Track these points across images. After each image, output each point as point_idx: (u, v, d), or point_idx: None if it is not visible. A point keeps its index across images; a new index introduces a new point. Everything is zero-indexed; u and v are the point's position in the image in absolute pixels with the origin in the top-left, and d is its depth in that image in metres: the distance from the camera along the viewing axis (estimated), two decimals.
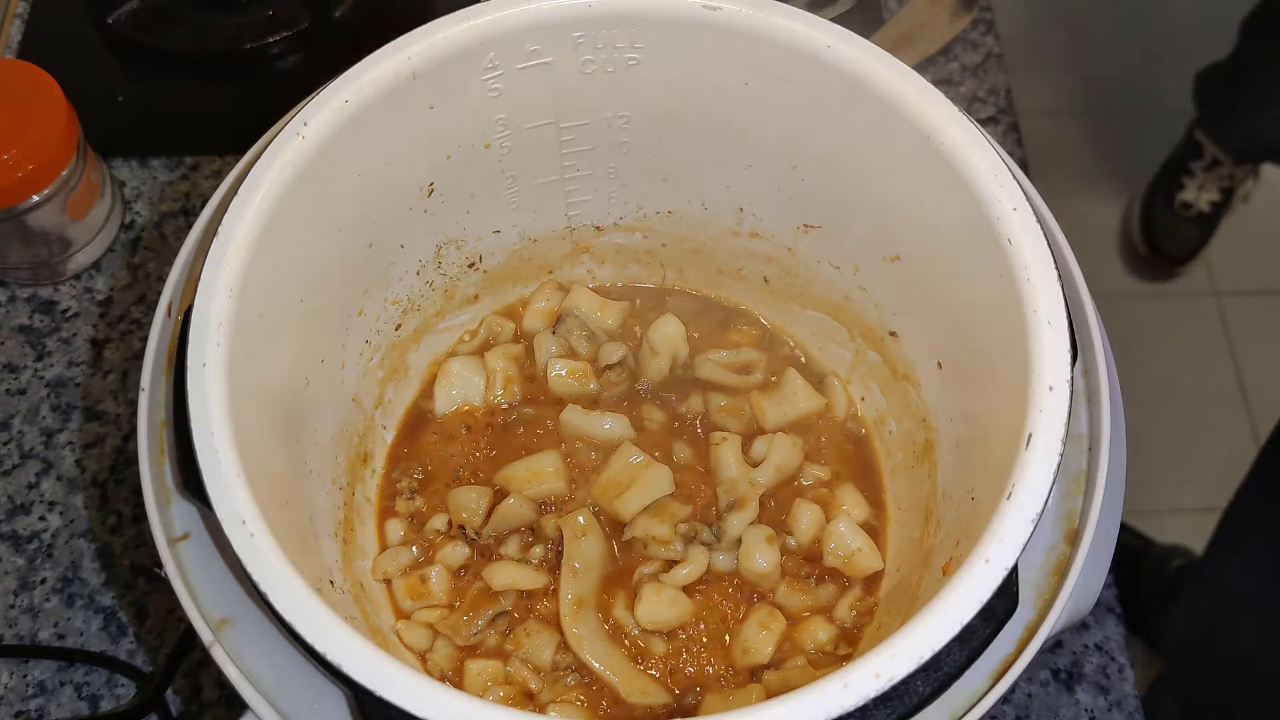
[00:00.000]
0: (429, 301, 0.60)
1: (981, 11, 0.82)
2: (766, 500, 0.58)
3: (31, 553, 0.63)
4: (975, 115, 0.77)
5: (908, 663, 0.37)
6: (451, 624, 0.54)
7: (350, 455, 0.57)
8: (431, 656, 0.54)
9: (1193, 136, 1.66)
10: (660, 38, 0.51)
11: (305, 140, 0.46)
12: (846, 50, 0.48)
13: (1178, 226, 1.66)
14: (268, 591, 0.38)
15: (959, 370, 0.52)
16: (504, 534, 0.57)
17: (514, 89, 0.52)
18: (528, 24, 0.49)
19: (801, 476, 0.59)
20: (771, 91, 0.52)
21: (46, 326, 0.70)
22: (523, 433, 0.60)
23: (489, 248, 0.60)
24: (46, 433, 0.66)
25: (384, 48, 0.48)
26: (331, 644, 0.37)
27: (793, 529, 0.56)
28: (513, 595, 0.55)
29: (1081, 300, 0.48)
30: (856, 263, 0.57)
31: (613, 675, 0.53)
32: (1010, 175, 0.46)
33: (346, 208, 0.51)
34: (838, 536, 0.56)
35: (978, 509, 0.45)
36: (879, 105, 0.48)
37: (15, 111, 0.65)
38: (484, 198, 0.57)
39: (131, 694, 0.59)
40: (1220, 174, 1.64)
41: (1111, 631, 0.61)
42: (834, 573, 0.56)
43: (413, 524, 0.58)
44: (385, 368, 0.59)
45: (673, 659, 0.55)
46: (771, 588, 0.55)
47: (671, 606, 0.54)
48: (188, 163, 0.76)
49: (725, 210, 0.60)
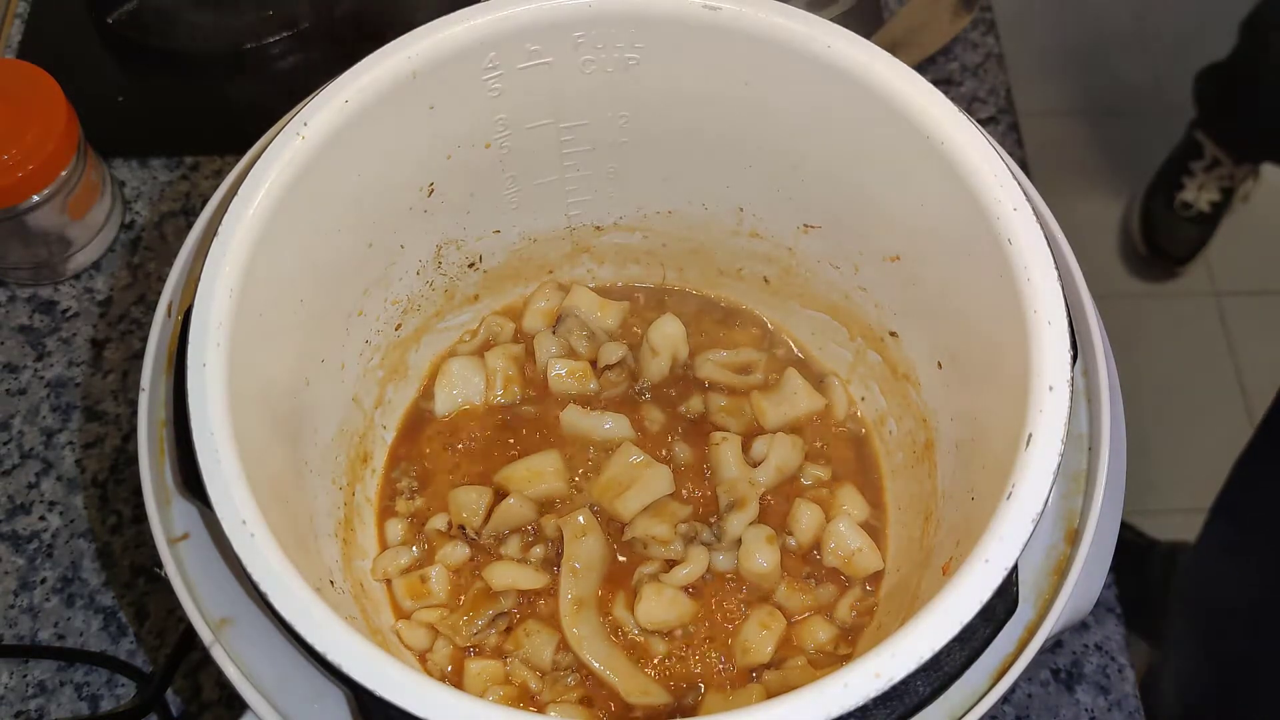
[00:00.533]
0: (429, 301, 0.60)
1: (981, 11, 0.82)
2: (766, 500, 0.58)
3: (31, 553, 0.63)
4: (975, 115, 0.77)
5: (908, 663, 0.37)
6: (451, 624, 0.54)
7: (350, 455, 0.57)
8: (431, 656, 0.54)
9: (1193, 136, 1.66)
10: (660, 38, 0.51)
11: (305, 140, 0.46)
12: (846, 50, 0.48)
13: (1178, 226, 1.66)
14: (268, 591, 0.38)
15: (959, 370, 0.52)
16: (504, 534, 0.57)
17: (514, 89, 0.52)
18: (528, 24, 0.49)
19: (801, 476, 0.59)
20: (772, 92, 0.52)
21: (46, 326, 0.70)
22: (523, 433, 0.60)
23: (489, 247, 0.60)
24: (46, 433, 0.66)
25: (384, 48, 0.48)
26: (331, 644, 0.37)
27: (793, 529, 0.56)
28: (513, 595, 0.55)
29: (1081, 300, 0.48)
30: (856, 263, 0.57)
31: (613, 675, 0.53)
32: (1010, 175, 0.46)
33: (346, 208, 0.51)
34: (838, 536, 0.56)
35: (978, 509, 0.45)
36: (879, 105, 0.48)
37: (15, 111, 0.65)
38: (484, 198, 0.57)
39: (131, 694, 0.59)
40: (1220, 174, 1.64)
41: (1111, 631, 0.61)
42: (834, 573, 0.56)
43: (413, 524, 0.58)
44: (385, 368, 0.59)
45: (673, 659, 0.55)
46: (771, 588, 0.55)
47: (671, 606, 0.54)
48: (188, 163, 0.76)
49: (725, 210, 0.60)
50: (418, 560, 0.57)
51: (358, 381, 0.57)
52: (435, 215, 0.56)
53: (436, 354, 0.63)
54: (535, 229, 0.61)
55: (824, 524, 0.56)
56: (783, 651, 0.54)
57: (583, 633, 0.54)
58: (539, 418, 0.60)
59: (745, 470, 0.58)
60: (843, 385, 0.62)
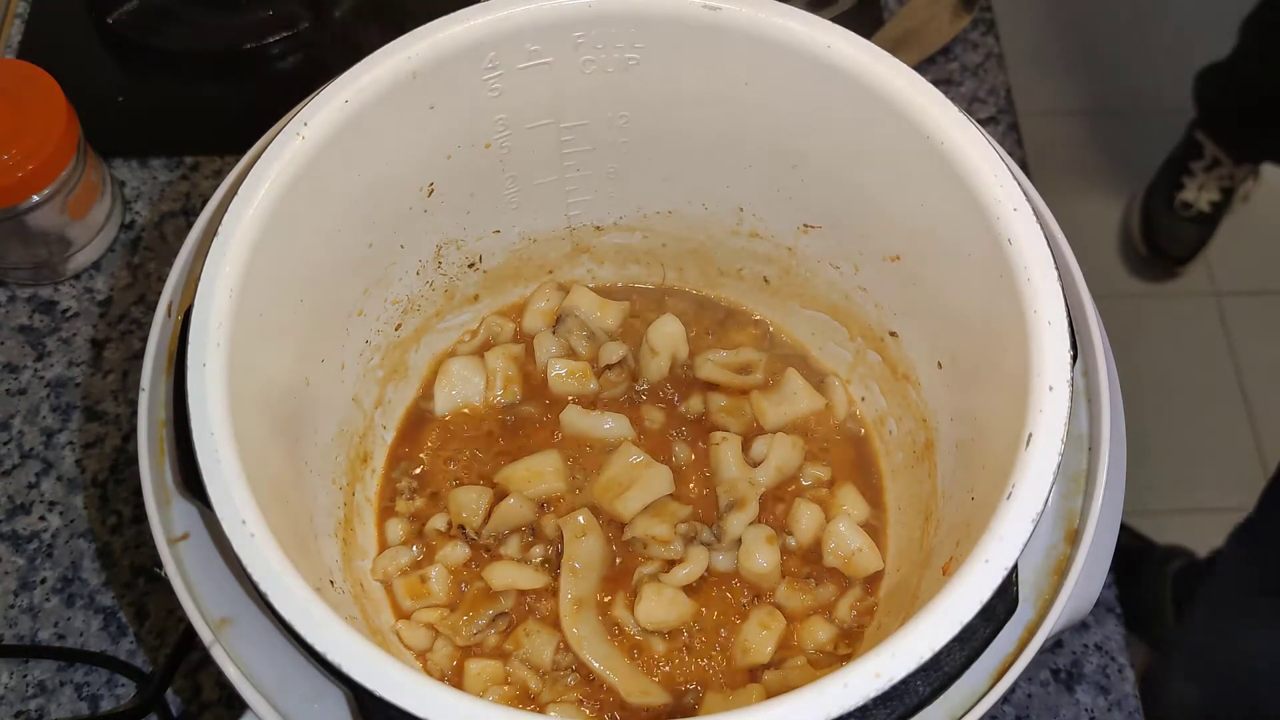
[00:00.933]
0: (429, 301, 0.60)
1: (981, 11, 0.82)
2: (767, 500, 0.57)
3: (31, 553, 0.63)
4: (975, 115, 0.77)
5: (908, 663, 0.37)
6: (451, 624, 0.54)
7: (350, 455, 0.57)
8: (431, 656, 0.54)
9: (1193, 136, 1.66)
10: (660, 38, 0.51)
11: (305, 140, 0.46)
12: (846, 50, 0.48)
13: (1177, 226, 1.66)
14: (268, 591, 0.38)
15: (959, 370, 0.52)
16: (504, 534, 0.57)
17: (514, 89, 0.52)
18: (528, 24, 0.49)
19: (801, 476, 0.59)
20: (771, 92, 0.52)
21: (46, 326, 0.70)
22: (523, 433, 0.60)
23: (489, 248, 0.60)
24: (46, 433, 0.66)
25: (384, 48, 0.48)
26: (331, 644, 0.37)
27: (793, 529, 0.56)
28: (512, 595, 0.55)
29: (1081, 300, 0.48)
30: (856, 262, 0.57)
31: (613, 675, 0.53)
32: (1010, 175, 0.46)
33: (347, 208, 0.51)
34: (838, 536, 0.56)
35: (978, 509, 0.45)
36: (879, 105, 0.48)
37: (15, 111, 0.65)
38: (484, 198, 0.57)
39: (131, 694, 0.59)
40: (1220, 174, 1.64)
41: (1111, 631, 0.61)
42: (834, 573, 0.56)
43: (413, 524, 0.58)
44: (385, 368, 0.59)
45: (673, 659, 0.55)
46: (771, 587, 0.55)
47: (672, 606, 0.54)
48: (188, 163, 0.76)
49: (725, 210, 0.60)
50: (417, 560, 0.57)
51: (358, 381, 0.57)
52: (435, 215, 0.56)
53: (436, 354, 0.63)
54: (535, 229, 0.61)
55: (824, 524, 0.56)
56: (783, 652, 0.54)
57: (583, 633, 0.54)
58: (539, 417, 0.60)
59: (745, 470, 0.58)
60: (843, 385, 0.62)
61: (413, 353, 0.61)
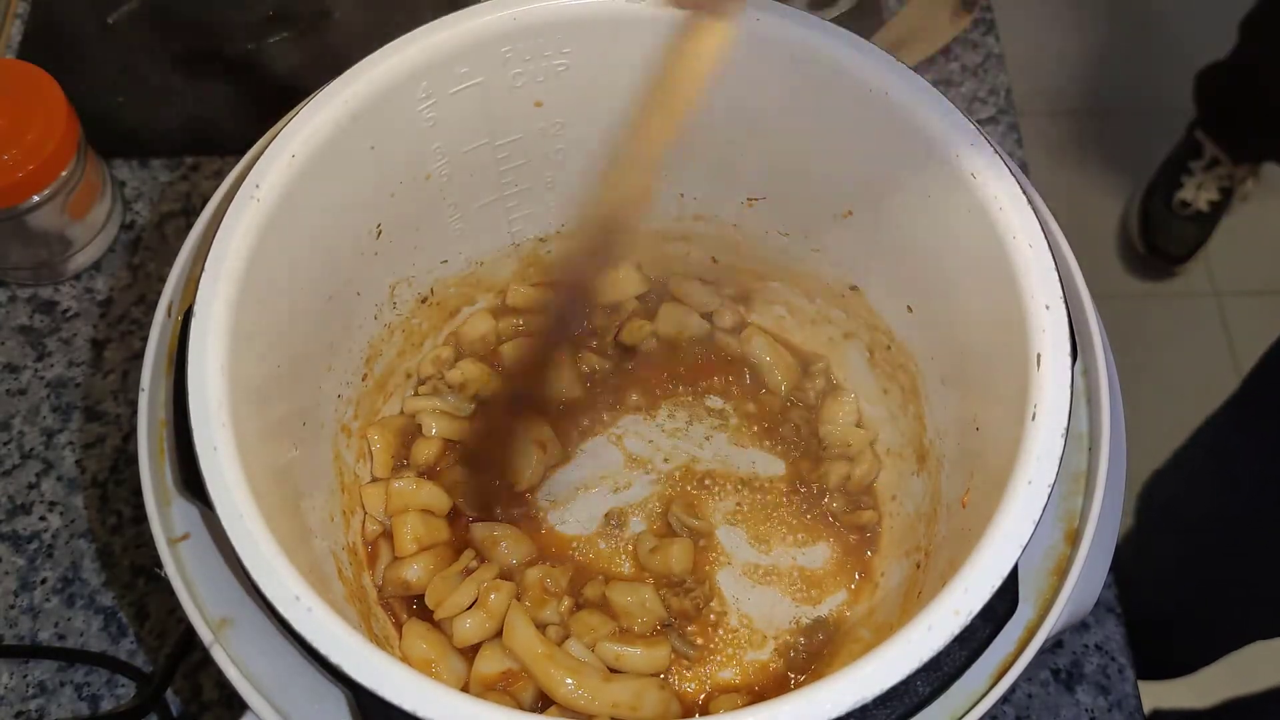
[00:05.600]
0: (390, 345, 0.60)
1: (981, 11, 0.82)
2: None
3: (31, 553, 0.63)
4: (975, 115, 0.77)
5: (908, 663, 0.37)
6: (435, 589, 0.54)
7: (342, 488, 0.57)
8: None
9: (1193, 136, 1.65)
10: (588, 39, 0.50)
11: (261, 202, 0.45)
12: (772, 19, 0.48)
13: (1176, 226, 1.66)
14: (268, 591, 0.38)
15: (960, 377, 0.52)
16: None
17: (448, 115, 0.51)
18: (455, 47, 0.49)
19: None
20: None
21: (46, 326, 0.70)
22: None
23: (439, 278, 0.60)
24: (47, 433, 0.66)
25: (322, 91, 0.47)
26: (331, 644, 0.37)
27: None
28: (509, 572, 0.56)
29: (1081, 300, 0.48)
30: (806, 227, 0.57)
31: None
32: (1011, 176, 0.46)
33: (305, 261, 0.49)
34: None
35: (978, 510, 0.45)
36: (817, 67, 0.48)
37: (15, 111, 0.65)
38: (429, 230, 0.57)
39: (131, 694, 0.59)
40: (1220, 173, 1.64)
41: (1111, 631, 0.61)
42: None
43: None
44: (361, 418, 0.59)
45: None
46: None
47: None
48: (188, 163, 0.76)
49: (666, 199, 0.60)
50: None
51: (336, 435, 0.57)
52: (385, 256, 0.55)
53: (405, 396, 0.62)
54: (481, 251, 0.61)
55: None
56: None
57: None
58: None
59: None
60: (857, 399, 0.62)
61: (382, 402, 0.61)
